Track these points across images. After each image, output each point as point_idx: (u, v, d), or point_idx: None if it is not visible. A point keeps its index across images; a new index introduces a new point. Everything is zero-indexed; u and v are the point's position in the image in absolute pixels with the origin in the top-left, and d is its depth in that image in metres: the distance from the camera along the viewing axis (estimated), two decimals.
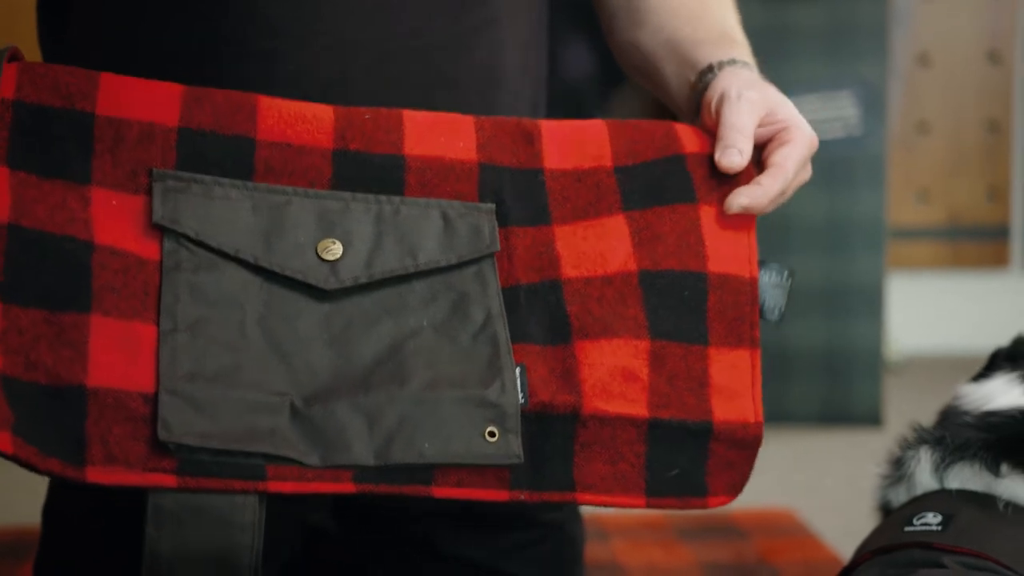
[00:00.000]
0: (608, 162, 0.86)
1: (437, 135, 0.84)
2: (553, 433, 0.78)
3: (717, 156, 0.86)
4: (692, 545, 1.81)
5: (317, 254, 0.79)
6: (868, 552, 0.85)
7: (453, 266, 0.81)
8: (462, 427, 0.75)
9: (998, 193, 3.53)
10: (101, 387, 0.71)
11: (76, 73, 0.79)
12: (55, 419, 0.69)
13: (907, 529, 0.84)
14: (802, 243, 2.62)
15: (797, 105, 0.91)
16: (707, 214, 0.84)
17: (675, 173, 0.85)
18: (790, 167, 0.90)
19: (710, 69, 0.92)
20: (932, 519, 0.84)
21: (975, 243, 3.56)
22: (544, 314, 0.81)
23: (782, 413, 2.67)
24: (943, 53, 3.50)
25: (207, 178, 0.78)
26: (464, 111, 0.88)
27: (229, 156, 0.79)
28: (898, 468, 0.91)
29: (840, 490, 2.14)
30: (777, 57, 2.49)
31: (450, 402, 0.75)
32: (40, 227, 0.74)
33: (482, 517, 1.06)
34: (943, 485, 0.88)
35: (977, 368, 0.99)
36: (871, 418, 2.64)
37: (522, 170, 0.85)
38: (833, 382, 2.65)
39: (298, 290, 0.78)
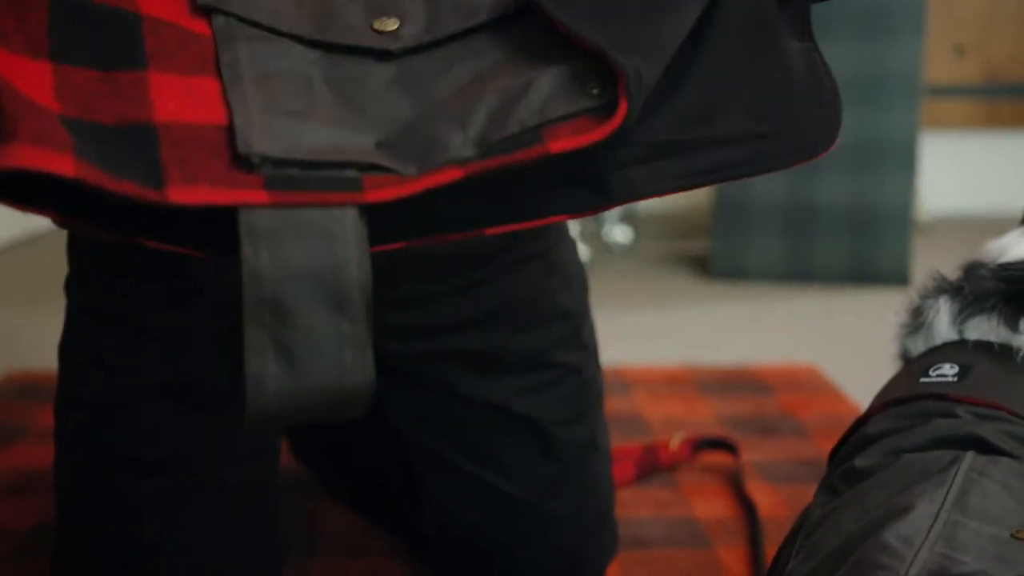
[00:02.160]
0: None
1: None
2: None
3: None
4: (713, 399, 1.82)
5: (373, 28, 0.76)
6: (883, 403, 0.85)
7: (517, 13, 0.77)
8: (560, 91, 0.71)
9: None
10: (172, 121, 0.67)
11: None
12: (125, 149, 0.65)
13: (923, 380, 0.83)
14: None
15: None
16: None
17: None
18: None
19: None
20: (948, 370, 0.83)
21: (1013, 100, 3.49)
22: None
23: (808, 270, 2.66)
24: None
25: None
26: None
27: None
28: (917, 317, 0.90)
29: (866, 348, 2.14)
30: None
31: (542, 78, 0.71)
32: None
33: (498, 358, 1.06)
34: (961, 336, 0.87)
35: (1009, 229, 0.97)
36: (899, 277, 2.62)
37: None
38: (861, 240, 2.63)
39: (361, 56, 0.75)
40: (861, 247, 2.64)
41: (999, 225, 3.29)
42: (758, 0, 0.77)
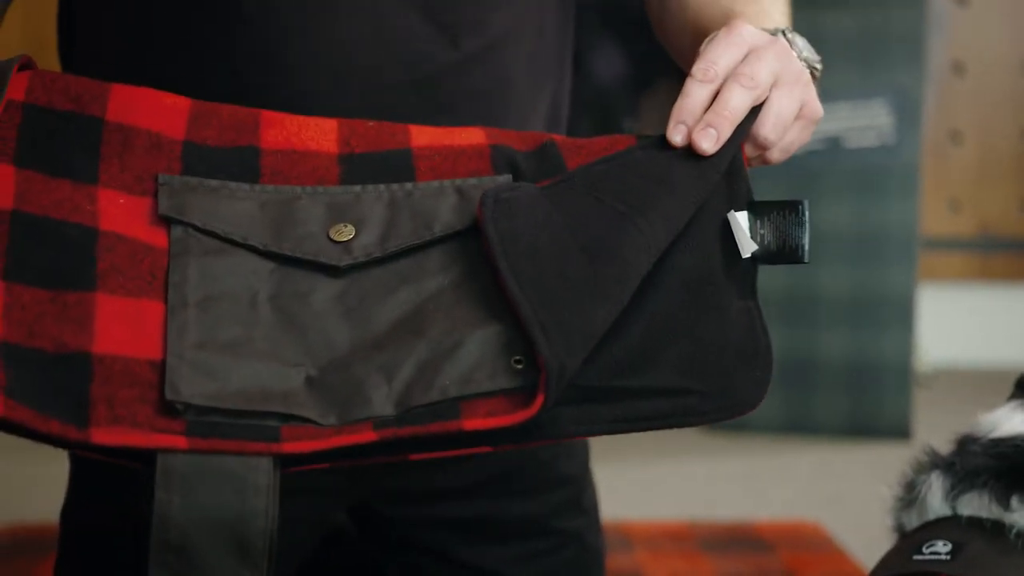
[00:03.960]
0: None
1: (444, 132, 0.84)
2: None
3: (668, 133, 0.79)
4: (715, 556, 1.79)
5: (329, 237, 0.77)
6: None
7: (471, 228, 0.78)
8: (485, 360, 0.72)
9: None
10: (108, 354, 0.69)
11: (87, 81, 0.79)
12: (57, 383, 0.67)
13: (916, 557, 0.83)
14: (833, 252, 2.60)
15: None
16: None
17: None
18: (720, 66, 0.79)
19: None
20: (942, 547, 0.82)
21: (1006, 255, 3.53)
22: None
23: (809, 424, 2.65)
24: (976, 62, 3.47)
25: (214, 182, 0.77)
26: None
27: (234, 164, 0.79)
28: (910, 491, 0.90)
29: (867, 504, 2.12)
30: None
31: (472, 341, 0.72)
32: (44, 213, 0.73)
33: (496, 526, 1.05)
34: (954, 511, 0.86)
35: (1008, 382, 0.98)
36: (900, 431, 2.61)
37: (535, 150, 0.83)
38: (862, 394, 2.63)
39: (311, 270, 0.76)
40: (861, 401, 2.63)
41: (997, 378, 3.29)
42: (705, 258, 0.78)
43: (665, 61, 1.02)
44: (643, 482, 2.28)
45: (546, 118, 1.02)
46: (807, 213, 0.79)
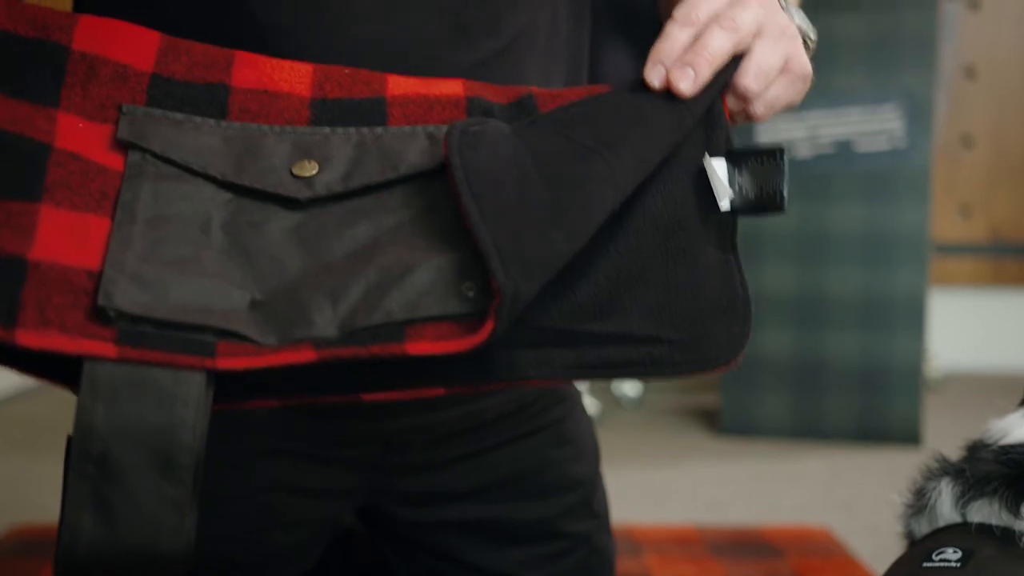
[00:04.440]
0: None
1: (422, 82, 0.82)
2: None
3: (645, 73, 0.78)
4: (724, 561, 1.79)
5: (291, 173, 0.75)
6: None
7: (438, 169, 0.76)
8: (436, 286, 0.69)
9: None
10: (44, 260, 0.67)
11: (55, 11, 0.77)
12: None
13: (926, 565, 0.82)
14: (843, 256, 2.60)
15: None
16: None
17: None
18: (702, 10, 0.78)
19: None
20: (951, 555, 0.82)
21: (1017, 259, 3.52)
22: None
23: (819, 429, 2.65)
24: (988, 66, 3.46)
25: (179, 115, 0.76)
26: None
27: (202, 99, 0.77)
28: (920, 498, 0.89)
29: (877, 509, 2.12)
30: (822, 68, 2.47)
31: (423, 268, 0.70)
32: None
33: (507, 528, 1.05)
34: (964, 518, 0.86)
35: (1018, 387, 0.97)
36: (910, 436, 2.60)
37: (513, 102, 0.82)
38: (871, 398, 2.62)
39: (269, 202, 0.75)
40: (871, 405, 2.63)
41: (1007, 383, 3.28)
42: (678, 203, 0.76)
43: None
44: (652, 486, 2.28)
45: None
46: (786, 159, 0.76)
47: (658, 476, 2.36)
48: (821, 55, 2.51)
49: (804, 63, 0.81)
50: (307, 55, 0.87)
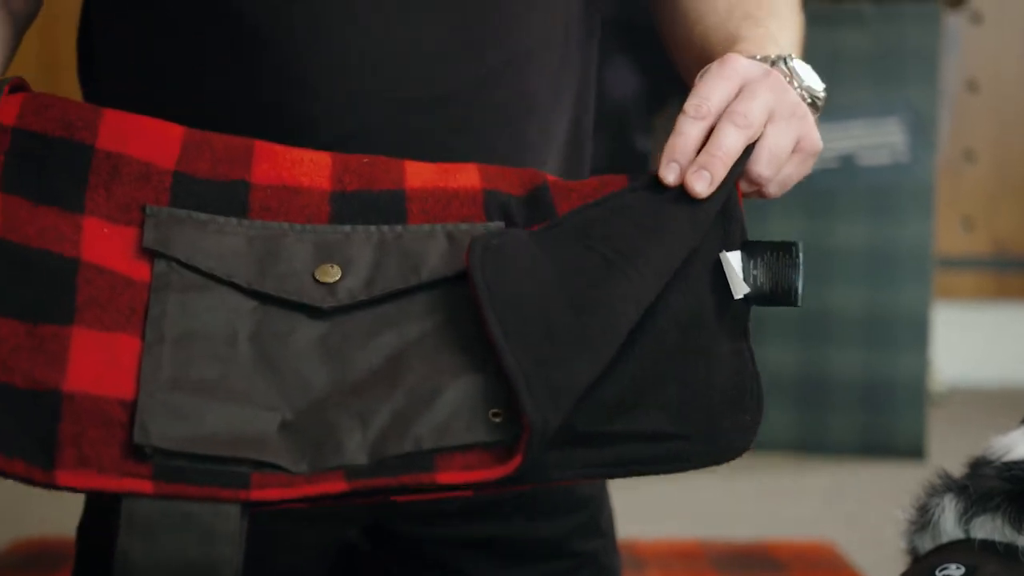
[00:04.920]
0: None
1: (439, 172, 0.82)
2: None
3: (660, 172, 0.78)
4: (728, 575, 1.79)
5: (314, 278, 0.76)
6: None
7: (459, 275, 0.76)
8: (463, 411, 0.70)
9: None
10: (78, 392, 0.68)
11: (80, 106, 0.78)
12: (26, 422, 0.66)
13: None
14: (846, 271, 2.60)
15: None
16: None
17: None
18: (713, 102, 0.78)
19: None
20: (955, 571, 0.81)
21: (1021, 273, 3.52)
22: None
23: (822, 443, 2.64)
24: (991, 80, 3.47)
25: (203, 215, 0.76)
26: (488, 151, 0.86)
27: (223, 198, 0.78)
28: (923, 515, 0.89)
29: (881, 523, 2.11)
30: (824, 82, 2.47)
31: (450, 390, 0.71)
32: (26, 242, 0.72)
33: (513, 547, 1.04)
34: (967, 534, 0.86)
35: (1022, 400, 0.97)
36: (914, 451, 2.60)
37: (528, 194, 0.82)
38: (875, 413, 2.62)
39: (293, 310, 0.75)
40: (875, 420, 2.62)
41: (1011, 397, 3.27)
42: (696, 299, 0.76)
43: (680, 80, 1.02)
44: (655, 501, 2.27)
45: (568, 135, 1.01)
46: (800, 255, 0.77)
47: (662, 491, 2.35)
48: (824, 69, 2.50)
49: (815, 140, 0.82)
50: (313, 68, 0.87)
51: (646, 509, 2.20)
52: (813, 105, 0.85)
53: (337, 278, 0.76)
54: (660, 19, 1.02)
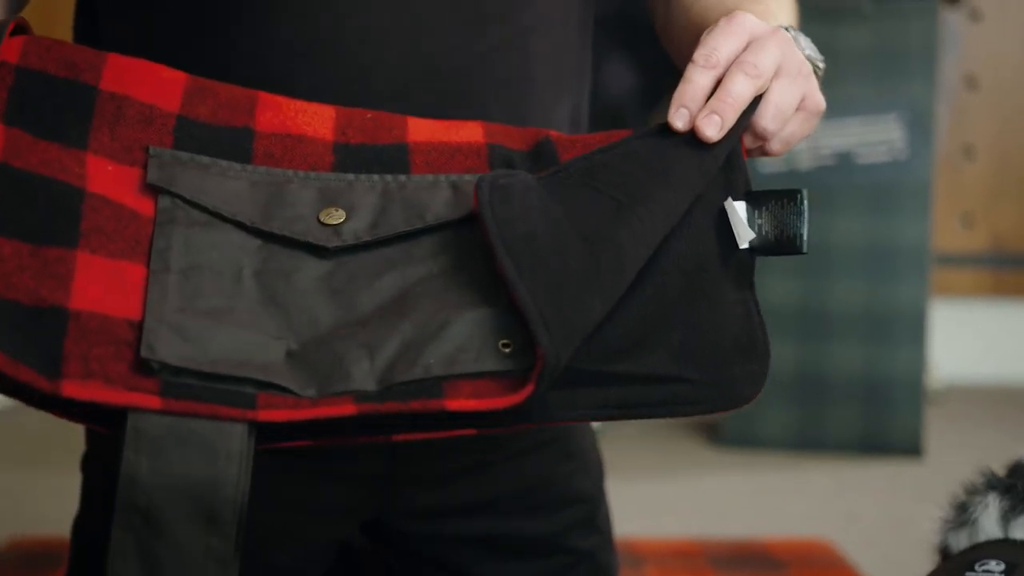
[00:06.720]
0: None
1: (443, 128, 0.83)
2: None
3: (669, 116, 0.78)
4: (726, 574, 1.78)
5: (319, 220, 0.76)
6: None
7: (464, 219, 0.77)
8: (472, 341, 0.70)
9: None
10: (85, 310, 0.68)
11: (84, 49, 0.78)
12: (32, 334, 0.66)
13: (968, 575, 0.82)
14: (845, 268, 2.59)
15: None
16: None
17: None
18: (722, 53, 0.78)
19: None
20: (995, 566, 0.82)
21: (1019, 271, 3.51)
22: None
23: (820, 440, 2.64)
24: (990, 76, 3.46)
25: (205, 158, 0.77)
26: None
27: (227, 143, 0.78)
28: (962, 513, 0.90)
29: (879, 521, 2.11)
30: (823, 79, 2.47)
31: (459, 322, 0.71)
32: (30, 169, 0.72)
33: (511, 543, 1.04)
34: (1007, 534, 0.86)
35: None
36: (912, 448, 2.59)
37: (532, 149, 0.83)
38: (873, 410, 2.61)
39: (298, 250, 0.76)
40: (873, 418, 2.62)
41: (1009, 395, 3.27)
42: (701, 246, 0.77)
43: (675, 76, 1.02)
44: (653, 499, 2.27)
45: (567, 112, 1.01)
46: (806, 203, 0.78)
47: (659, 488, 2.35)
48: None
49: (818, 99, 0.83)
50: (317, 44, 0.88)
51: (644, 507, 2.20)
52: (815, 74, 0.85)
53: (341, 220, 0.76)
54: (654, 5, 1.02)
